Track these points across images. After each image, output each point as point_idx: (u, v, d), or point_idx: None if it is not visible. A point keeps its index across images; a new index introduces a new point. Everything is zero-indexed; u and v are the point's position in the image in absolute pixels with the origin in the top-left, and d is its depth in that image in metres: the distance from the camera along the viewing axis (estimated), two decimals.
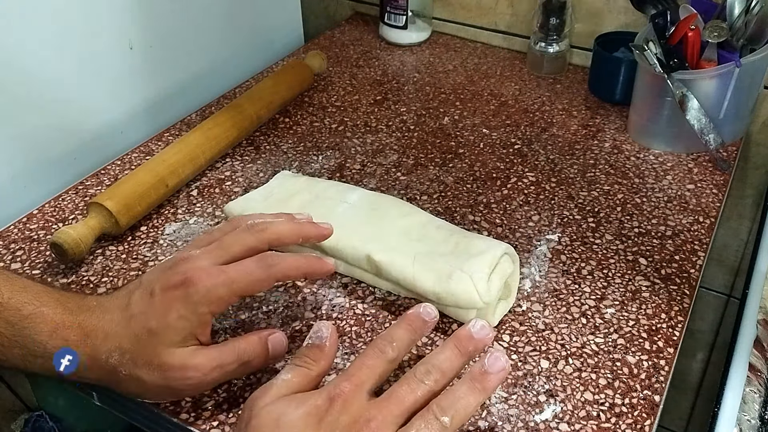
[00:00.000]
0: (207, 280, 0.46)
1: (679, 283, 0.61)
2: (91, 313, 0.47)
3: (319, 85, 0.93)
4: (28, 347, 0.46)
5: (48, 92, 0.72)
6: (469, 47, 1.04)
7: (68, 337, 0.46)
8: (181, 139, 0.74)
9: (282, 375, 0.44)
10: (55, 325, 0.46)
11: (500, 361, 0.43)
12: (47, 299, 0.48)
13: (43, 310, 0.47)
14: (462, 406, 0.42)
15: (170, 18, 0.84)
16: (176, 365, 0.46)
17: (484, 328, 0.45)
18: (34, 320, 0.46)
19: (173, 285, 0.46)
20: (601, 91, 0.90)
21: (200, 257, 0.48)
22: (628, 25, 0.92)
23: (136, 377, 0.46)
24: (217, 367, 0.47)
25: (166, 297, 0.46)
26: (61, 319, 0.47)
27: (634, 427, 0.49)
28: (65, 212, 0.70)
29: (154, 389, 0.47)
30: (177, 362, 0.46)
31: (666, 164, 0.77)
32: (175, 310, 0.46)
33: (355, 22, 1.12)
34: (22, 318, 0.46)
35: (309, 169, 0.76)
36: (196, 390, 0.49)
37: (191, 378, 0.46)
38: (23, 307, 0.47)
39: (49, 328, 0.46)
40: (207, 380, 0.47)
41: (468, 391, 0.42)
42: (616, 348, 0.55)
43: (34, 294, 0.48)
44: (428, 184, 0.74)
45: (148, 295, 0.47)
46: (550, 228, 0.68)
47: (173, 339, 0.46)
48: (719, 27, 0.74)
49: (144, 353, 0.46)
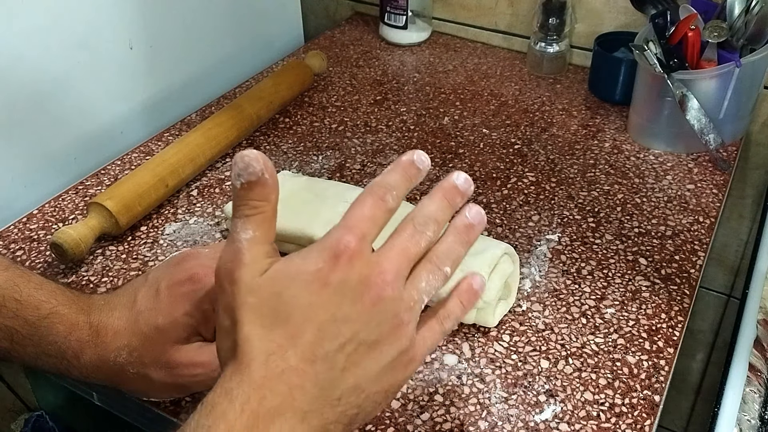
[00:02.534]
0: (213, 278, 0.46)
1: (679, 283, 0.61)
2: (100, 312, 0.47)
3: (319, 85, 0.93)
4: (42, 347, 0.46)
5: (48, 92, 0.72)
6: (469, 47, 1.04)
7: (82, 337, 0.46)
8: (181, 139, 0.74)
9: (241, 234, 0.38)
10: (71, 325, 0.47)
11: (480, 214, 0.42)
12: (62, 298, 0.48)
13: (59, 309, 0.47)
14: (455, 256, 0.40)
15: (170, 18, 0.84)
16: (184, 362, 0.46)
17: (467, 180, 0.42)
18: (51, 320, 0.46)
19: (178, 282, 0.46)
20: (601, 91, 0.90)
21: (207, 255, 0.48)
22: (628, 25, 0.92)
23: (144, 375, 0.46)
24: None
25: (172, 294, 0.46)
26: (76, 319, 0.47)
27: (634, 427, 0.49)
28: (65, 212, 0.70)
29: (162, 387, 0.47)
30: (185, 359, 0.46)
31: (666, 164, 0.77)
32: (182, 306, 0.45)
33: (355, 22, 1.12)
34: (40, 318, 0.46)
35: (309, 169, 0.76)
36: (203, 386, 0.48)
37: (199, 375, 0.46)
38: (41, 305, 0.47)
39: (65, 329, 0.46)
40: (214, 375, 0.46)
41: (457, 242, 0.41)
42: (616, 348, 0.55)
43: (50, 292, 0.48)
44: (428, 184, 0.74)
45: (154, 292, 0.47)
46: (550, 228, 0.68)
47: (180, 336, 0.46)
48: (719, 27, 0.74)
49: (152, 351, 0.46)
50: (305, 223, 0.61)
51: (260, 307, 0.36)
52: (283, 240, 0.62)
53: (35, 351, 0.47)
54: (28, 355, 0.47)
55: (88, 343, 0.46)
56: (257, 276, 0.37)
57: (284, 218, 0.62)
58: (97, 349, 0.46)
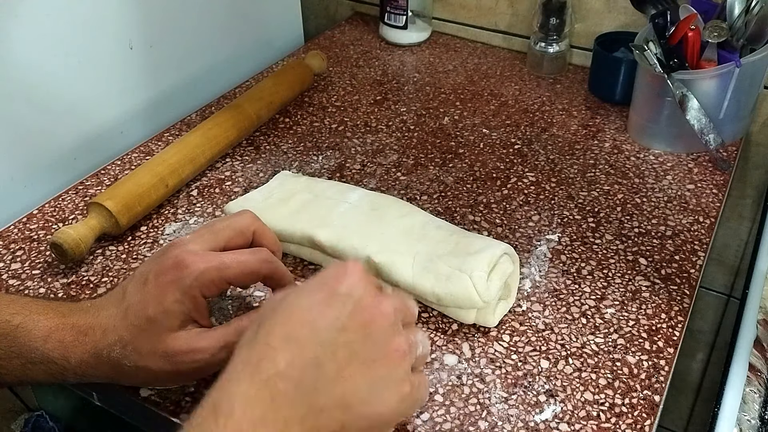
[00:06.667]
0: (200, 263, 0.46)
1: (679, 283, 0.61)
2: (85, 313, 0.47)
3: (319, 85, 0.93)
4: (25, 355, 0.46)
5: (48, 92, 0.72)
6: (469, 47, 1.04)
7: (63, 338, 0.46)
8: (181, 139, 0.74)
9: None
10: (48, 329, 0.46)
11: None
12: (36, 307, 0.48)
13: (34, 317, 0.47)
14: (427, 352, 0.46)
15: (170, 18, 0.84)
16: (183, 349, 0.46)
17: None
18: (26, 327, 0.46)
19: (164, 270, 0.46)
20: (601, 91, 0.90)
21: (191, 242, 0.48)
22: (628, 25, 0.92)
23: (143, 367, 0.46)
24: (224, 346, 0.46)
25: (159, 282, 0.46)
26: (54, 323, 0.47)
27: (634, 427, 0.49)
28: (65, 212, 0.70)
29: (163, 376, 0.47)
30: (183, 346, 0.46)
31: (666, 164, 0.77)
32: (170, 293, 0.45)
33: (355, 22, 1.12)
34: (13, 328, 0.46)
35: (309, 169, 0.76)
36: (205, 372, 0.48)
37: (199, 360, 0.46)
38: (12, 318, 0.47)
39: (42, 333, 0.46)
40: (215, 361, 0.46)
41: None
42: (616, 348, 0.55)
43: (22, 305, 0.48)
44: (428, 184, 0.74)
45: (142, 284, 0.46)
46: (550, 228, 0.68)
47: (173, 323, 0.46)
48: (719, 27, 0.74)
49: (147, 342, 0.45)
50: (305, 223, 0.61)
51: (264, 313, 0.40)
52: (284, 240, 0.62)
53: (21, 362, 0.46)
54: (17, 369, 0.47)
55: (73, 344, 0.46)
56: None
57: (284, 218, 0.62)
58: (87, 348, 0.46)
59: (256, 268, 0.48)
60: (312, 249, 0.61)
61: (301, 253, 0.62)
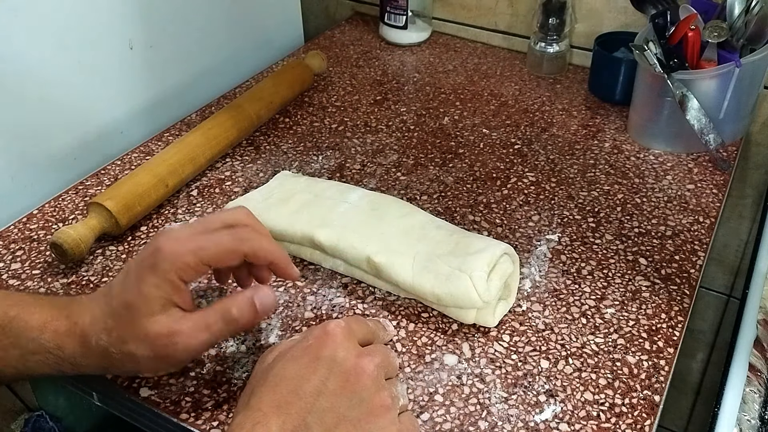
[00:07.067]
0: (174, 247, 0.46)
1: (679, 283, 0.61)
2: (78, 304, 0.48)
3: (319, 85, 0.93)
4: (22, 346, 0.47)
5: (48, 92, 0.72)
6: (469, 47, 1.04)
7: (58, 328, 0.47)
8: (181, 139, 0.74)
9: None
10: (44, 319, 0.47)
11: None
12: (31, 300, 0.49)
13: (30, 308, 0.48)
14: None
15: (170, 18, 0.84)
16: (162, 333, 0.46)
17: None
18: (22, 318, 0.47)
19: (145, 257, 0.47)
20: (601, 91, 0.90)
21: (174, 229, 0.48)
22: (628, 25, 0.92)
23: (128, 353, 0.46)
24: (204, 328, 0.46)
25: (138, 269, 0.46)
26: (50, 313, 0.48)
27: (634, 427, 0.49)
28: (65, 212, 0.70)
29: (148, 362, 0.47)
30: (163, 330, 0.46)
31: (666, 164, 0.77)
32: (147, 279, 0.46)
33: (355, 22, 1.12)
34: (9, 320, 0.47)
35: (309, 169, 0.76)
36: (189, 355, 0.48)
37: (178, 343, 0.46)
38: (9, 309, 0.48)
39: (38, 323, 0.47)
40: (196, 343, 0.47)
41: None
42: (616, 348, 0.55)
43: (18, 298, 0.49)
44: (428, 184, 0.74)
45: (125, 273, 0.47)
46: (550, 228, 0.68)
47: (152, 308, 0.46)
48: (719, 27, 0.74)
49: (128, 328, 0.46)
50: (305, 224, 0.61)
51: (253, 379, 0.44)
52: (284, 240, 0.62)
53: (18, 353, 0.47)
54: (15, 359, 0.47)
55: (66, 333, 0.47)
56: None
57: (284, 218, 0.62)
58: (78, 338, 0.47)
59: (234, 246, 0.48)
60: (312, 249, 0.61)
61: (301, 253, 0.62)
